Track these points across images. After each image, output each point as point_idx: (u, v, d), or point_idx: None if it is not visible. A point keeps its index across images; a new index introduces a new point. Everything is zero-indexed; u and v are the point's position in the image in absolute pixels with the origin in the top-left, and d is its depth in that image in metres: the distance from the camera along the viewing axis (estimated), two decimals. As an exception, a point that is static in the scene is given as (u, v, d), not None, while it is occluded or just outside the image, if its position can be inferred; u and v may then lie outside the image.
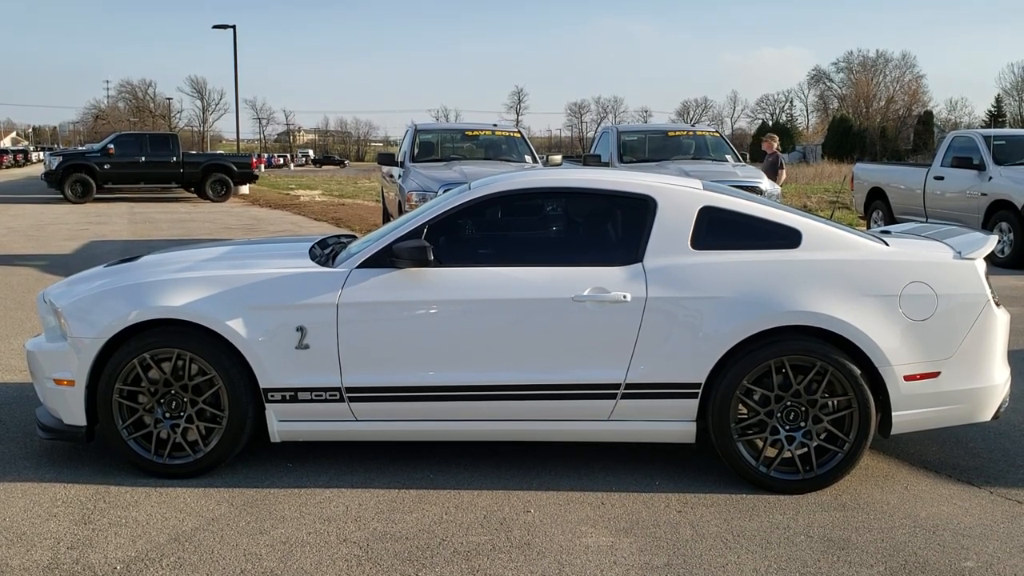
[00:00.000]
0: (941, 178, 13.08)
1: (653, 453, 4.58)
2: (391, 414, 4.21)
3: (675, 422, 4.18)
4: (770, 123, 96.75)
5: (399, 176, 11.59)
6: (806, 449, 4.11)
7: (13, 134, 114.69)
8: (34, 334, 5.61)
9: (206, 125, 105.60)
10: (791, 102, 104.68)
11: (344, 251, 4.57)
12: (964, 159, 12.58)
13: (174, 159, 24.81)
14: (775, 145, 13.77)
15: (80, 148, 31.82)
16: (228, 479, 4.25)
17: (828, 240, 4.23)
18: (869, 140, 76.89)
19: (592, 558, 3.48)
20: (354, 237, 5.41)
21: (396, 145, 16.97)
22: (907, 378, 4.07)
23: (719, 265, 4.14)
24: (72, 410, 4.26)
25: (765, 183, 11.05)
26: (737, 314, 4.05)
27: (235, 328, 4.11)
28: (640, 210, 4.29)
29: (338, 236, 5.40)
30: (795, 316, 4.03)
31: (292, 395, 4.18)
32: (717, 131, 13.87)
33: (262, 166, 32.13)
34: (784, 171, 13.87)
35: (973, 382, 4.16)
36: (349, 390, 4.17)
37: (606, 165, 12.42)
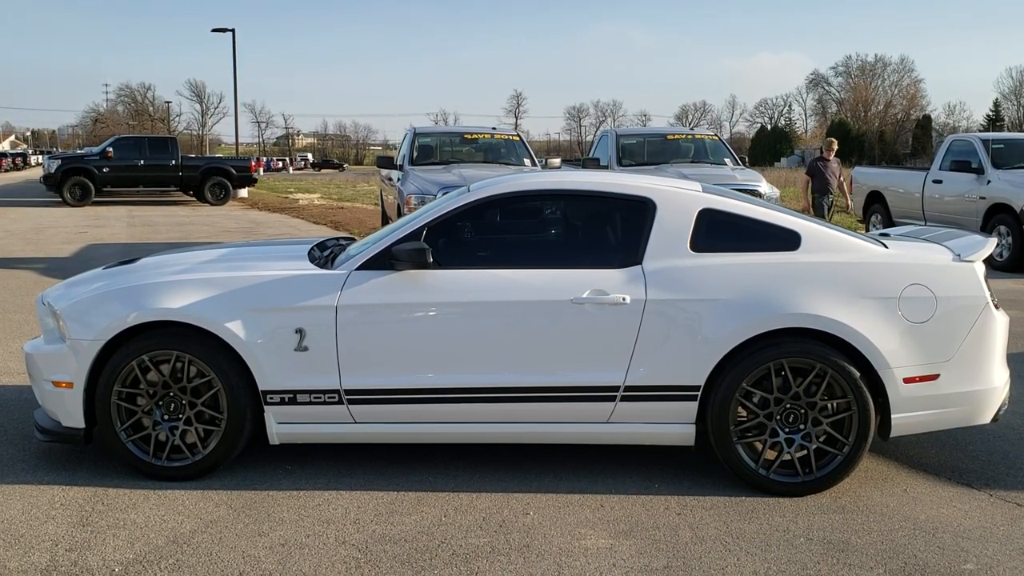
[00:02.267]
0: (940, 182, 13.10)
1: (652, 455, 4.58)
2: (390, 416, 4.21)
3: (674, 424, 4.18)
4: (769, 127, 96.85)
5: (398, 179, 11.59)
6: (805, 451, 4.11)
7: (12, 138, 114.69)
8: (32, 336, 5.61)
9: (205, 128, 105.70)
10: (790, 106, 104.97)
11: (343, 253, 4.56)
12: (963, 163, 12.60)
13: (173, 162, 24.80)
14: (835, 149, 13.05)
15: (79, 151, 31.85)
16: (227, 481, 4.24)
17: (827, 242, 4.23)
18: (868, 144, 77.05)
19: (591, 560, 3.48)
20: (353, 239, 5.41)
21: (395, 149, 16.96)
22: (906, 380, 4.07)
23: (718, 267, 4.14)
24: (70, 412, 4.25)
25: (764, 186, 11.05)
26: (736, 316, 4.04)
27: (234, 330, 4.11)
28: (639, 212, 4.29)
29: (337, 239, 5.40)
30: (794, 318, 4.02)
31: (291, 397, 4.17)
32: (716, 135, 13.87)
33: (261, 170, 32.12)
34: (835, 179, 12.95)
35: (972, 384, 4.16)
36: (348, 392, 4.16)
37: (605, 168, 12.43)
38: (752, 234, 4.25)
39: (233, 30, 34.71)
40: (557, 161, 14.58)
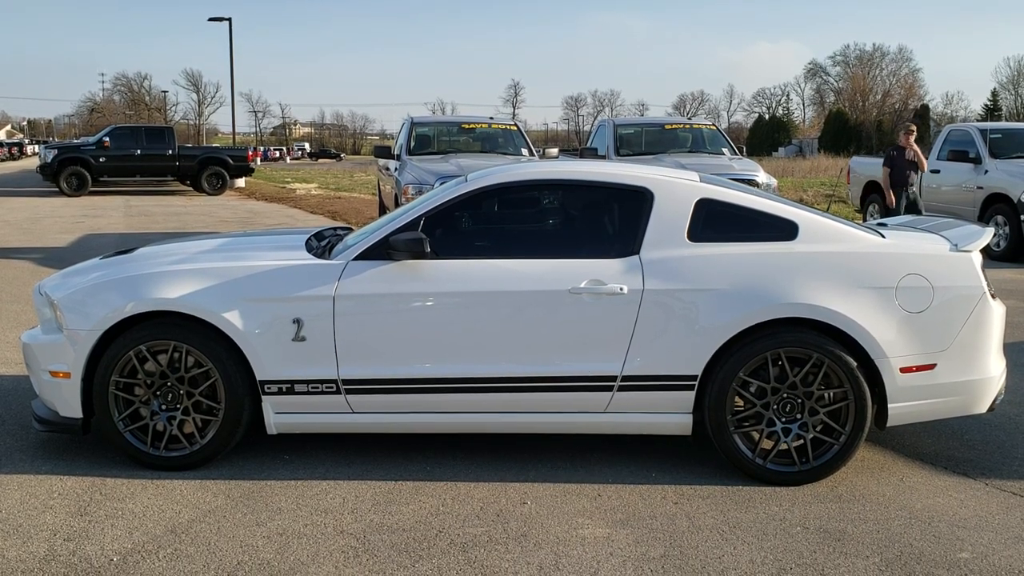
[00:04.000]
0: (937, 171, 13.09)
1: (649, 445, 4.59)
2: (388, 406, 4.21)
3: (671, 414, 4.18)
4: (767, 117, 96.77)
5: (395, 169, 11.57)
6: (802, 441, 4.12)
7: (8, 127, 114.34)
8: (30, 326, 5.60)
9: (202, 118, 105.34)
10: (787, 96, 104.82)
11: (340, 243, 4.56)
12: (960, 152, 12.60)
13: (170, 152, 24.72)
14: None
15: (75, 141, 31.71)
16: (225, 471, 4.25)
17: (825, 232, 4.23)
18: (865, 134, 77.01)
19: (588, 550, 3.49)
20: (350, 230, 5.41)
21: (392, 138, 16.93)
22: (903, 370, 4.07)
23: (716, 257, 4.14)
24: (68, 402, 4.26)
25: (761, 176, 11.04)
26: (734, 306, 4.05)
27: (231, 320, 4.11)
28: (637, 202, 4.29)
29: (334, 229, 5.40)
30: (791, 308, 4.03)
31: (288, 387, 4.18)
32: (714, 124, 13.86)
33: (258, 159, 32.03)
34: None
35: (969, 374, 4.17)
36: (346, 382, 4.17)
37: (602, 158, 12.41)
38: (750, 224, 4.25)
39: (230, 19, 34.61)
40: (555, 151, 14.55)
